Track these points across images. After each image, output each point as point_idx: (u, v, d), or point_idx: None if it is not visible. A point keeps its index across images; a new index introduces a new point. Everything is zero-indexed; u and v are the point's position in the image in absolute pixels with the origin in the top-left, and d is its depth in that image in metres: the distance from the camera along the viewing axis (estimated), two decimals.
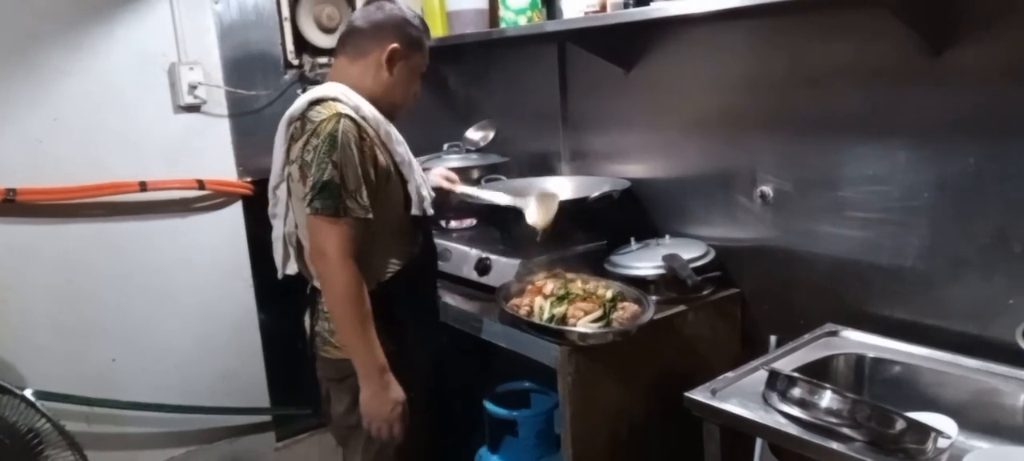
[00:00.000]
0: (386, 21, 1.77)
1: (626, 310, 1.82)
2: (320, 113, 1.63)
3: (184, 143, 2.49)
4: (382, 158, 1.70)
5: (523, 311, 1.85)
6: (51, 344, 2.35)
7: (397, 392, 1.69)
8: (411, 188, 1.77)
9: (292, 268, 1.80)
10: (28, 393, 2.15)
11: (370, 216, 1.63)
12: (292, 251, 1.78)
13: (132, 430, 2.50)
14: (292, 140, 1.65)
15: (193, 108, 2.48)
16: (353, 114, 1.65)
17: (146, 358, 2.49)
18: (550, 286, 1.92)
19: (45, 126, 2.28)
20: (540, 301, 1.87)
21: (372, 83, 1.76)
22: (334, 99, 1.66)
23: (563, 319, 1.80)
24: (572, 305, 1.83)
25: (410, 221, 1.79)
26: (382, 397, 1.67)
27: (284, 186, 1.73)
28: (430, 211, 1.84)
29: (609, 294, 1.87)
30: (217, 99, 2.52)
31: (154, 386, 2.51)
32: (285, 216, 1.77)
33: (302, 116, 1.65)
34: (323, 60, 2.69)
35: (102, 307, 2.42)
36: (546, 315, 1.82)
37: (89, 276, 2.39)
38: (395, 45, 1.75)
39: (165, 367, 2.54)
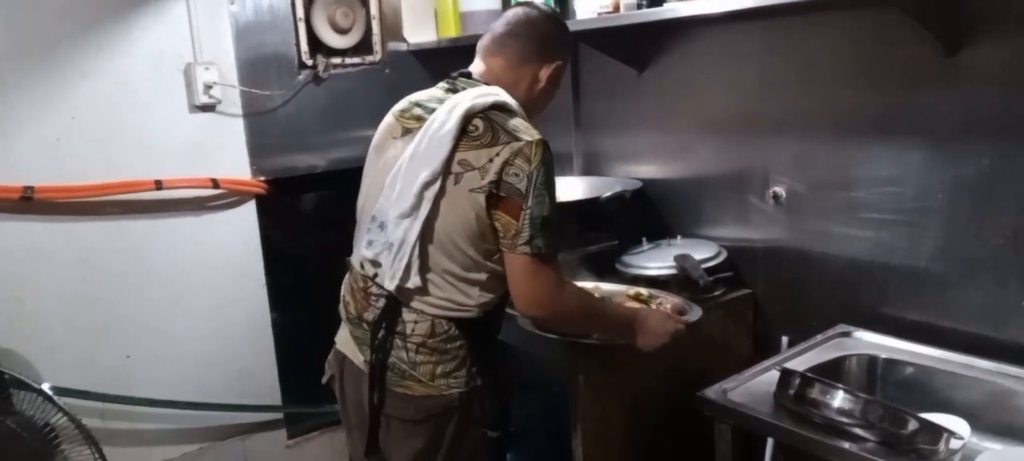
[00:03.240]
0: (556, 35, 1.66)
1: (665, 303, 1.84)
2: (520, 129, 1.47)
3: (199, 142, 2.51)
4: None
5: None
6: (67, 341, 2.37)
7: (658, 314, 1.70)
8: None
9: (416, 281, 1.50)
10: (45, 387, 2.17)
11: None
12: (414, 259, 1.49)
13: (146, 426, 2.52)
14: (475, 142, 1.46)
15: (208, 108, 2.50)
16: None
17: (160, 355, 2.52)
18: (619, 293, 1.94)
19: (63, 125, 2.31)
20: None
21: (525, 93, 1.62)
22: (513, 112, 1.53)
23: None
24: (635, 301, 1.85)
25: None
26: (652, 333, 1.64)
27: (437, 186, 1.46)
28: None
29: (645, 292, 1.89)
30: (232, 99, 2.55)
31: (168, 383, 2.53)
32: (431, 219, 1.48)
33: (490, 119, 1.47)
34: (337, 60, 2.71)
35: (117, 304, 2.45)
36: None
37: (105, 274, 2.42)
38: (561, 63, 1.66)
39: (179, 364, 2.56)
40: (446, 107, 1.50)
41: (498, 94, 1.53)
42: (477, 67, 1.64)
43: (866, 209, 1.81)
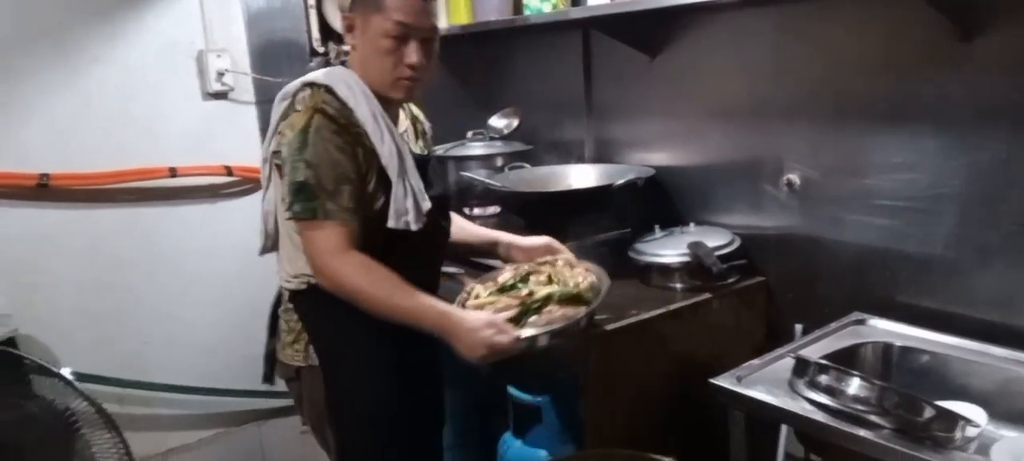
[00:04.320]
0: None
1: (552, 314, 1.55)
2: (304, 101, 1.50)
3: (211, 129, 2.53)
4: (362, 157, 1.51)
5: (461, 298, 1.67)
6: (84, 326, 2.40)
7: (470, 320, 1.48)
8: (395, 195, 1.53)
9: (269, 250, 1.66)
10: (66, 372, 2.19)
11: (353, 225, 1.47)
12: (270, 230, 1.64)
13: (162, 412, 2.55)
14: (282, 118, 1.55)
15: (220, 95, 2.52)
16: (333, 106, 1.49)
17: (175, 341, 2.54)
18: (508, 274, 1.70)
19: (77, 113, 2.33)
20: (480, 288, 1.67)
21: (358, 65, 1.56)
22: (325, 87, 1.51)
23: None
24: (504, 296, 1.61)
25: (386, 236, 1.54)
26: (465, 344, 1.46)
27: (269, 162, 1.60)
28: (415, 225, 1.55)
29: (542, 293, 1.58)
30: (244, 86, 2.56)
31: (183, 369, 2.56)
32: (265, 192, 1.63)
33: (292, 96, 1.55)
34: (347, 47, 2.70)
35: (132, 291, 2.47)
36: (470, 304, 1.61)
37: (119, 260, 2.44)
38: (345, 12, 1.54)
39: (194, 350, 2.58)
40: (280, 91, 1.62)
41: (320, 75, 1.55)
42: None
43: (880, 196, 1.80)
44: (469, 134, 2.64)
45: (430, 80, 1.61)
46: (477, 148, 2.59)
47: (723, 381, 1.52)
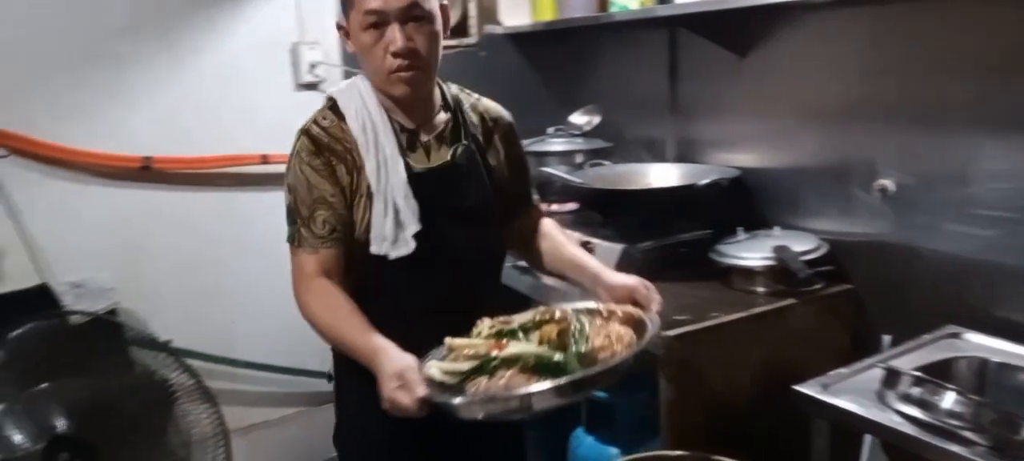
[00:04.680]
0: None
1: (503, 381, 1.24)
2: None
3: (303, 119, 2.60)
4: (345, 174, 1.43)
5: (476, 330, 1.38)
6: (178, 302, 2.52)
7: (388, 365, 1.27)
8: (374, 215, 1.42)
9: None
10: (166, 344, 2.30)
11: (324, 251, 1.41)
12: None
13: (247, 388, 2.66)
14: None
15: (312, 86, 2.60)
16: (325, 123, 1.45)
17: (262, 321, 2.64)
18: (526, 316, 1.39)
19: (178, 100, 2.45)
20: (485, 326, 1.37)
21: (364, 71, 1.48)
22: (332, 101, 1.48)
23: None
24: (485, 343, 1.32)
25: (369, 262, 1.43)
26: (380, 384, 1.29)
27: None
28: (394, 252, 1.41)
29: (509, 352, 1.26)
30: (334, 78, 2.63)
31: (267, 348, 2.66)
32: None
33: None
34: None
35: (224, 270, 2.58)
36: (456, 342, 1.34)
37: (212, 241, 2.56)
38: (338, 23, 1.49)
39: (279, 330, 2.67)
40: None
41: (339, 85, 1.52)
42: None
43: (981, 205, 1.72)
44: (549, 130, 2.65)
45: (434, 64, 1.46)
46: (557, 144, 2.59)
47: (808, 388, 1.48)
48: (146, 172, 2.41)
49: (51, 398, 2.02)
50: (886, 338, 1.83)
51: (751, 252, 1.95)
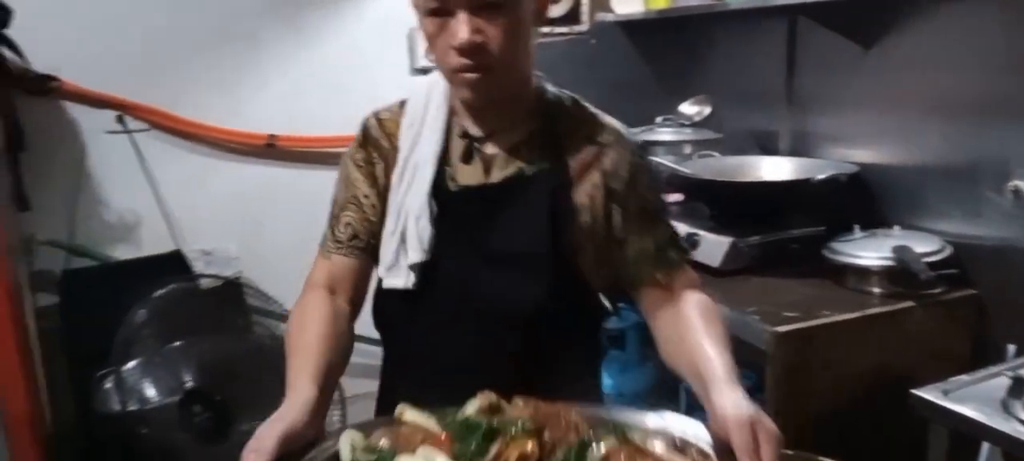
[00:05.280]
0: None
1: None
2: None
3: None
4: (382, 174, 1.24)
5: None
6: (294, 276, 2.64)
7: (267, 422, 0.95)
8: (384, 233, 1.21)
9: None
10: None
11: (330, 259, 1.23)
12: None
13: (356, 360, 2.77)
14: None
15: (426, 71, 2.66)
16: (379, 115, 1.29)
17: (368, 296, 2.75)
18: (484, 400, 1.00)
19: (301, 81, 2.58)
20: (473, 403, 1.00)
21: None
22: (404, 100, 1.30)
23: None
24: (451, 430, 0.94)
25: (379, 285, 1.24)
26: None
27: None
28: (388, 280, 1.21)
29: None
30: None
31: (370, 323, 2.76)
32: None
33: None
34: (544, 29, 2.77)
35: None
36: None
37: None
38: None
39: None
40: None
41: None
42: None
43: None
44: (658, 119, 2.63)
45: (513, 63, 1.11)
46: (665, 134, 2.57)
47: (927, 393, 1.43)
48: (270, 149, 2.56)
49: (183, 355, 2.19)
50: (1011, 348, 1.75)
51: (868, 251, 1.89)
